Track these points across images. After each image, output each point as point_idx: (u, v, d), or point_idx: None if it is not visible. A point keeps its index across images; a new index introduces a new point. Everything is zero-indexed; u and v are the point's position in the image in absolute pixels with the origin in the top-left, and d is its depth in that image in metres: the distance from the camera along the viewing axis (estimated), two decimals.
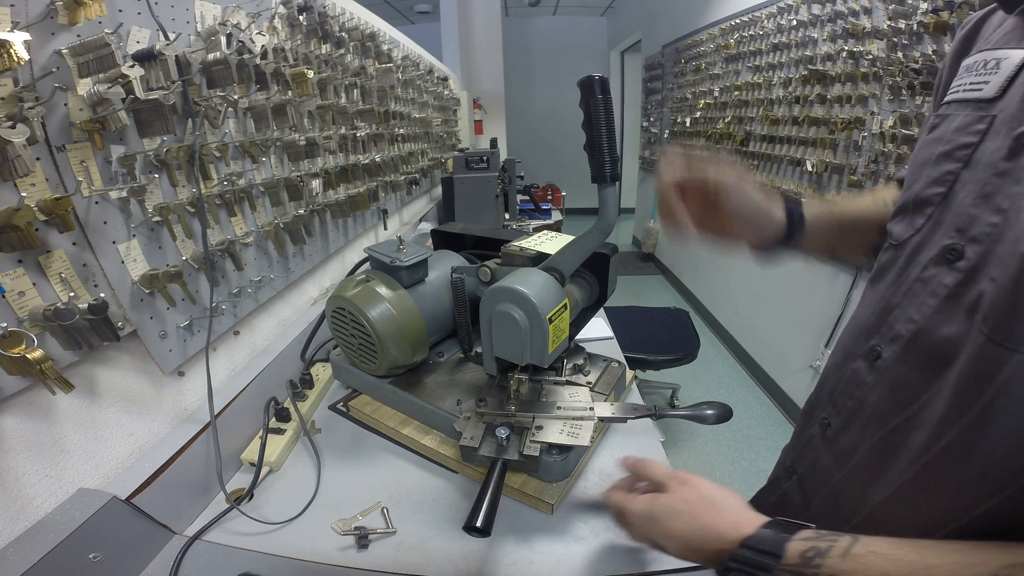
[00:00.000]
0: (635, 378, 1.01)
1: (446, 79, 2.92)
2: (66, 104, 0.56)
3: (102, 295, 0.57)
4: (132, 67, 0.60)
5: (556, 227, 2.81)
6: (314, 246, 1.17)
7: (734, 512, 0.45)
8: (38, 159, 0.53)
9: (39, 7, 0.53)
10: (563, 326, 0.67)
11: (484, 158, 1.99)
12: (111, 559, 0.56)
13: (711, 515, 0.45)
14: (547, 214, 2.98)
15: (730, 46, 3.03)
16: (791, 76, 2.40)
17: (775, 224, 0.62)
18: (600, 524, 0.67)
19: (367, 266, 0.91)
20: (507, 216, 2.26)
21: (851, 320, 0.57)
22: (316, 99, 1.13)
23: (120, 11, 0.63)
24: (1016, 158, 0.38)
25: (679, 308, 2.43)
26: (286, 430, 0.84)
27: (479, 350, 0.74)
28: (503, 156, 2.41)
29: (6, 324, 0.48)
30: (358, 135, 1.38)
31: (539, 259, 0.73)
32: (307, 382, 0.96)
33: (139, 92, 0.60)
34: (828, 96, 2.10)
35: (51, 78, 0.54)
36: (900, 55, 1.72)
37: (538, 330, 0.63)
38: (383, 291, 0.81)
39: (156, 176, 0.69)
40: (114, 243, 0.63)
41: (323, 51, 1.22)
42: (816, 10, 2.17)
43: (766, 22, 2.60)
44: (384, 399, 0.91)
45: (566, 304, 0.67)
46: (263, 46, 0.84)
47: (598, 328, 1.25)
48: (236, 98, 0.82)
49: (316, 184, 1.12)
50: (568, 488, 0.72)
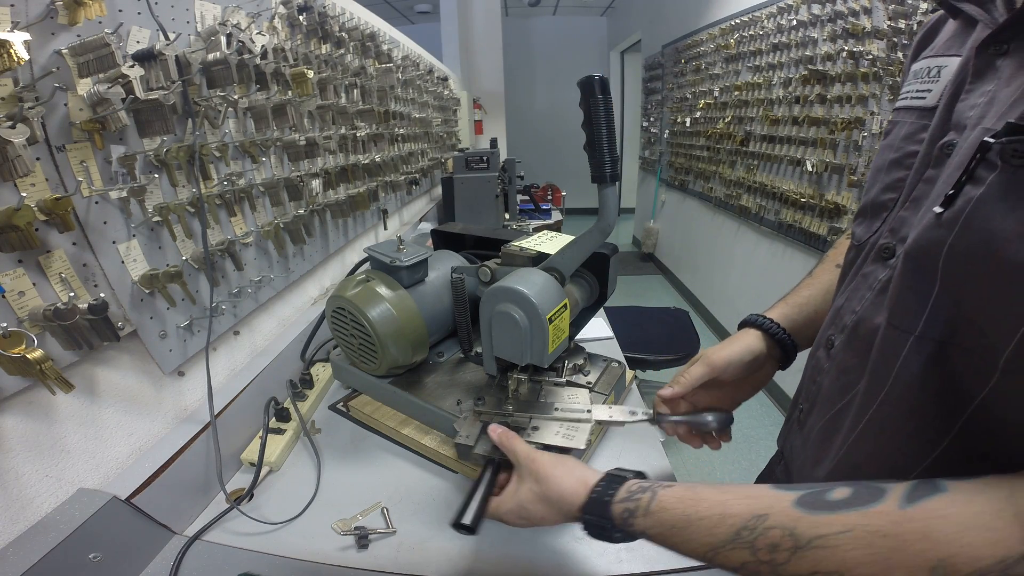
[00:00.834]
0: (635, 378, 1.01)
1: (446, 79, 2.92)
2: (66, 104, 0.56)
3: (102, 295, 0.57)
4: (132, 67, 0.60)
5: (556, 227, 2.81)
6: (314, 246, 1.17)
7: (572, 479, 0.51)
8: (38, 159, 0.53)
9: (39, 7, 0.53)
10: (563, 326, 0.67)
11: (484, 158, 1.99)
12: (111, 559, 0.56)
13: (557, 491, 0.51)
14: (547, 214, 2.98)
15: (730, 46, 3.03)
16: (791, 76, 2.40)
17: (772, 360, 0.66)
18: None
19: (367, 266, 0.91)
20: (507, 216, 2.26)
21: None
22: (316, 99, 1.12)
23: (120, 11, 0.63)
24: (939, 167, 0.41)
25: (679, 308, 2.42)
26: (286, 430, 0.84)
27: (479, 350, 0.74)
28: (503, 156, 2.40)
29: (6, 324, 0.48)
30: (358, 135, 1.38)
31: (539, 259, 0.73)
32: (307, 382, 0.96)
33: (139, 92, 0.60)
34: (828, 96, 2.10)
35: (51, 78, 0.54)
36: (900, 55, 1.72)
37: (538, 330, 0.63)
38: (383, 291, 0.81)
39: (156, 176, 0.69)
40: (114, 243, 0.63)
41: (323, 51, 1.22)
42: (816, 10, 2.17)
43: (766, 22, 2.60)
44: (384, 399, 0.91)
45: (566, 304, 0.67)
46: (263, 46, 0.84)
47: (598, 328, 1.25)
48: (236, 98, 0.82)
49: (316, 184, 1.12)
50: None
